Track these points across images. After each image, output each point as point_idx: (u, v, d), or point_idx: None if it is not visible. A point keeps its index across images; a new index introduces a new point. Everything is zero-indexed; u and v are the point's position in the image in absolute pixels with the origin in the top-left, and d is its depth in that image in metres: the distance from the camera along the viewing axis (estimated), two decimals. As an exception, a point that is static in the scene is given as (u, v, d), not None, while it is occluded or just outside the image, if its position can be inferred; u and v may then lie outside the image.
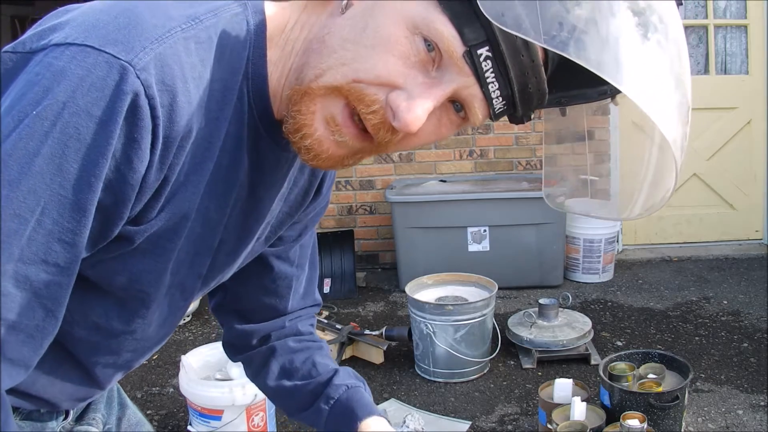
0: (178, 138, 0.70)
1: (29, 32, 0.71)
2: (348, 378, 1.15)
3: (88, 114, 0.65)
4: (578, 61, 0.61)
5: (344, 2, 0.72)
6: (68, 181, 0.66)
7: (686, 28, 4.49)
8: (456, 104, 0.72)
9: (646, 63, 0.64)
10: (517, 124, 0.75)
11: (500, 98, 0.69)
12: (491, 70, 0.67)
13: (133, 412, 1.17)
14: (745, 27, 4.44)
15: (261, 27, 0.76)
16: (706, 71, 4.53)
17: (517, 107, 0.70)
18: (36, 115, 0.64)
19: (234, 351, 1.20)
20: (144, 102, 0.66)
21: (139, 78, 0.66)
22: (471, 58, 0.67)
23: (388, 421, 1.24)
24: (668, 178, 0.75)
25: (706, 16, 4.45)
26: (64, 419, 1.00)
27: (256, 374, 1.18)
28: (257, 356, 1.17)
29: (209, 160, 0.76)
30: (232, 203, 0.83)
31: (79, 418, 1.06)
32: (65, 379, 0.90)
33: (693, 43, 4.53)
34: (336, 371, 1.16)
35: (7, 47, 0.71)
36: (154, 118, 0.67)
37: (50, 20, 0.72)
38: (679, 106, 0.68)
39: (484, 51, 0.66)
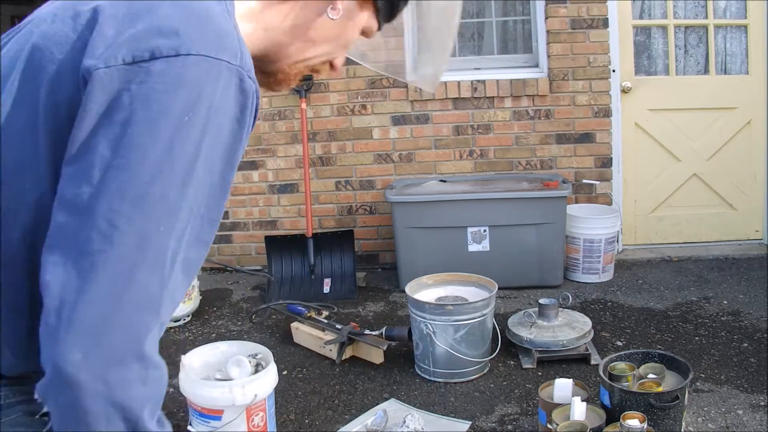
0: None
1: (98, 42, 0.80)
2: None
3: (226, 112, 0.82)
4: None
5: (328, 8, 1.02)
6: (218, 171, 0.83)
7: (686, 28, 4.50)
8: None
9: None
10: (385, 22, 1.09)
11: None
12: None
13: None
14: (745, 27, 4.44)
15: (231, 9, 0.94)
16: (706, 71, 4.53)
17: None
18: (189, 121, 0.78)
19: None
20: (255, 97, 0.87)
21: (250, 78, 0.85)
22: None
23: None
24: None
25: (706, 16, 4.45)
26: None
27: None
28: None
29: None
30: None
31: None
32: None
33: (693, 43, 4.53)
34: None
35: (92, 62, 0.78)
36: (257, 109, 0.88)
37: (109, 27, 0.81)
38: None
39: None
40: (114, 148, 0.76)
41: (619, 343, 3.32)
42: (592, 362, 3.09)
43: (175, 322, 3.86)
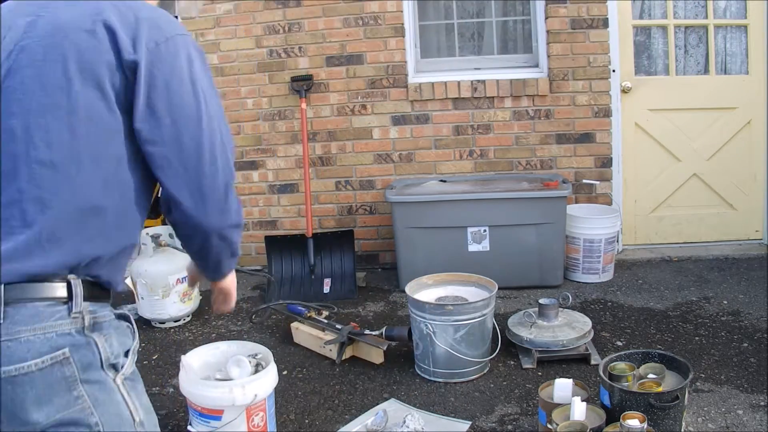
0: None
1: (127, 45, 1.26)
2: None
3: (199, 57, 1.35)
4: None
5: None
6: (213, 85, 1.38)
7: (686, 28, 4.50)
8: None
9: None
10: None
11: None
12: None
13: None
14: (745, 27, 4.44)
15: None
16: (706, 71, 4.53)
17: None
18: (205, 66, 1.37)
19: None
20: None
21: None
22: None
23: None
24: None
25: (706, 16, 4.45)
26: None
27: None
28: None
29: None
30: None
31: None
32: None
33: (693, 43, 4.53)
34: None
35: (133, 57, 1.26)
36: None
37: (125, 35, 1.28)
38: None
39: None
40: (166, 99, 1.28)
41: (619, 343, 3.32)
42: (592, 362, 3.09)
43: (175, 322, 3.86)
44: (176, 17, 4.63)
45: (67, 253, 1.21)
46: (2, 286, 1.15)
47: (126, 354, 1.29)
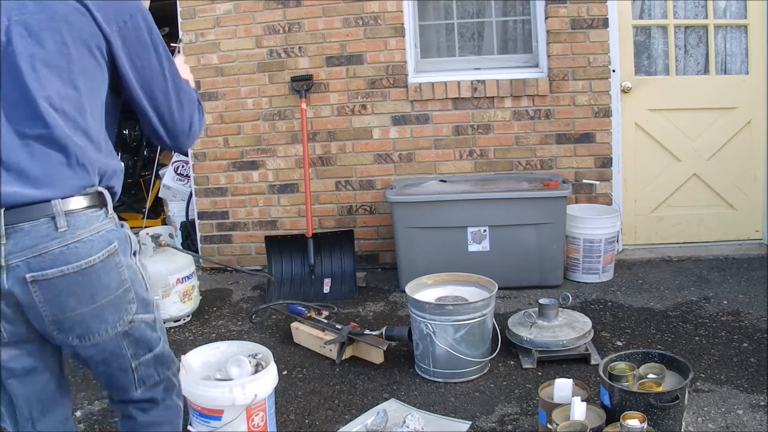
0: None
1: (112, 12, 1.57)
2: None
3: (155, 27, 1.67)
4: None
5: None
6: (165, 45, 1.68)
7: (686, 28, 4.50)
8: None
9: None
10: None
11: None
12: None
13: None
14: (745, 27, 4.44)
15: None
16: (706, 71, 4.53)
17: None
18: (156, 31, 1.66)
19: None
20: None
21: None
22: None
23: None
24: None
25: (706, 16, 4.45)
26: None
27: None
28: None
29: None
30: None
31: None
32: None
33: (693, 43, 4.53)
34: None
35: (120, 18, 1.58)
36: None
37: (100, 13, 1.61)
38: None
39: None
40: (135, 64, 1.62)
41: (619, 343, 3.32)
42: (592, 362, 3.09)
43: (175, 322, 3.86)
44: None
45: (96, 171, 1.59)
46: (61, 200, 1.50)
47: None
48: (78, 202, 1.54)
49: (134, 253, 1.69)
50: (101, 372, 1.70)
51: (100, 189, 1.60)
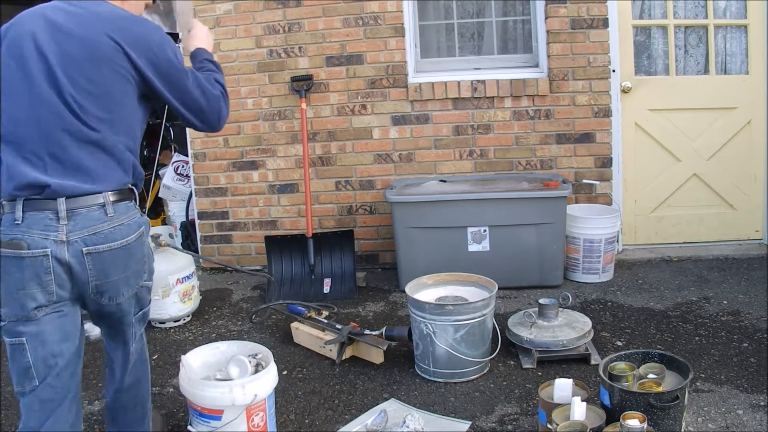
0: None
1: (142, 46, 1.98)
2: None
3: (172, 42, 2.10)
4: None
5: None
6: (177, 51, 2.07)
7: (686, 28, 4.50)
8: None
9: None
10: None
11: None
12: None
13: None
14: (745, 27, 4.44)
15: None
16: (706, 71, 4.53)
17: None
18: (177, 48, 2.06)
19: None
20: None
21: None
22: None
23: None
24: None
25: (706, 16, 4.45)
26: None
27: None
28: None
29: None
30: None
31: None
32: None
33: (693, 43, 4.53)
34: None
35: (149, 50, 1.99)
36: None
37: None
38: None
39: None
40: (171, 86, 2.05)
41: (619, 343, 3.32)
42: (592, 362, 3.09)
43: (175, 322, 3.86)
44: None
45: (131, 172, 2.04)
46: (108, 192, 1.94)
47: None
48: (118, 195, 1.97)
49: (148, 234, 2.18)
50: (113, 325, 2.11)
51: (131, 186, 2.05)
